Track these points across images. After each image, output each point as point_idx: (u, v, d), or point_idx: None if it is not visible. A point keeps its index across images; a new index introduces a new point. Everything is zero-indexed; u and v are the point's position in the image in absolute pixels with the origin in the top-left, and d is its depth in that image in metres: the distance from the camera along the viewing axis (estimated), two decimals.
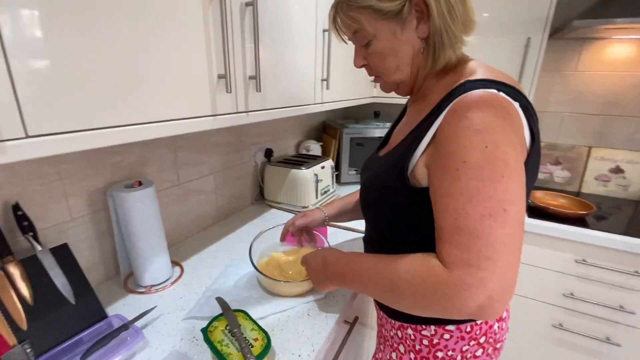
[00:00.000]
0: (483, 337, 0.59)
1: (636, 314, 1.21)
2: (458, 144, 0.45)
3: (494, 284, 0.41)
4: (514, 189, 0.43)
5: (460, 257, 0.42)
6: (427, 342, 0.61)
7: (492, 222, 0.41)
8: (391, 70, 0.58)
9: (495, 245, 0.41)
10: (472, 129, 0.44)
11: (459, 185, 0.44)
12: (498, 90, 0.47)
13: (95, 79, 0.44)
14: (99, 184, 0.78)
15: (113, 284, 0.82)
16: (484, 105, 0.45)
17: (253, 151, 1.30)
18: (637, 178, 1.53)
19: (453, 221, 0.44)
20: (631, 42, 1.43)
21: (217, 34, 0.62)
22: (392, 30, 0.54)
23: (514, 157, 0.44)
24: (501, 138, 0.43)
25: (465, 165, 0.44)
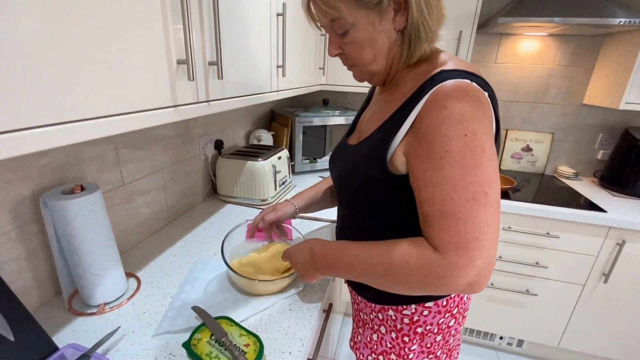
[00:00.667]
0: (456, 308, 0.65)
1: (548, 267, 1.46)
2: (439, 133, 0.47)
3: (482, 260, 0.45)
4: (492, 173, 0.47)
5: (451, 240, 0.45)
6: (407, 321, 0.65)
7: (476, 205, 0.45)
8: (368, 61, 0.58)
9: (481, 227, 0.45)
10: (452, 118, 0.46)
11: (444, 173, 0.46)
12: (471, 80, 0.50)
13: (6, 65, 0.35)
14: (25, 192, 0.64)
15: (53, 309, 0.69)
16: (462, 96, 0.47)
17: (202, 143, 1.20)
18: (542, 155, 1.83)
19: (440, 207, 0.47)
20: (537, 38, 1.67)
21: (175, 12, 0.55)
22: (370, 20, 0.54)
23: (489, 144, 0.48)
24: (477, 127, 0.47)
25: (448, 154, 0.46)
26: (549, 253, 1.45)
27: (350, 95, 2.01)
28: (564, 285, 1.48)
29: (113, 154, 0.83)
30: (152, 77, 0.52)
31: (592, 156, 1.80)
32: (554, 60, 1.68)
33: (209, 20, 0.64)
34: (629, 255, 1.36)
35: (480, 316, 1.64)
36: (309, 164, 1.62)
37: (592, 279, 1.44)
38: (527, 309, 1.56)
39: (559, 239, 1.41)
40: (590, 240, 1.38)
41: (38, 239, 0.67)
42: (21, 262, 0.65)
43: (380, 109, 0.64)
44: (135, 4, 0.46)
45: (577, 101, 1.73)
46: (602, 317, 1.48)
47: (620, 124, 1.71)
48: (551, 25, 1.37)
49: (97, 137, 0.43)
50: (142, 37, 0.48)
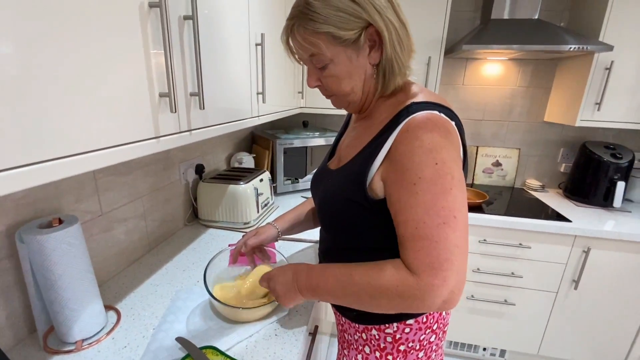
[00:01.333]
0: (435, 324, 0.68)
1: (523, 277, 1.53)
2: (412, 162, 0.51)
3: (454, 279, 0.49)
4: (460, 198, 0.51)
5: (424, 261, 0.49)
6: (390, 339, 0.67)
7: (447, 228, 0.49)
8: (346, 92, 0.62)
9: (451, 248, 0.49)
10: (424, 147, 0.51)
11: (417, 199, 0.50)
12: (439, 111, 0.54)
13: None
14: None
15: (27, 347, 0.66)
16: (432, 127, 0.52)
17: (183, 168, 1.20)
18: (511, 169, 1.93)
19: (414, 230, 0.50)
20: (499, 62, 1.80)
21: (157, 49, 0.57)
22: (348, 56, 0.58)
23: (457, 171, 0.52)
24: (446, 155, 0.51)
25: (420, 181, 0.50)
26: (523, 263, 1.51)
27: (329, 117, 2.07)
28: (539, 294, 1.54)
29: (92, 183, 0.82)
30: (134, 111, 0.53)
31: (555, 169, 1.93)
32: (515, 82, 1.82)
33: (190, 53, 0.66)
34: (594, 262, 1.44)
35: (463, 328, 1.68)
36: (291, 185, 1.64)
37: (564, 286, 1.51)
38: (506, 318, 1.61)
39: (531, 249, 1.49)
40: (558, 249, 1.46)
41: (12, 275, 0.65)
42: None
43: (358, 136, 0.67)
44: (117, 38, 0.48)
45: (539, 119, 1.86)
46: (576, 322, 1.55)
47: (578, 139, 1.85)
48: (510, 52, 1.50)
49: (79, 172, 0.44)
50: (123, 71, 0.50)
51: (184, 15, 0.64)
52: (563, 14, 1.68)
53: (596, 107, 1.51)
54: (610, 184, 1.61)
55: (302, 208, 0.92)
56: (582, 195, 1.70)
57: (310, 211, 0.90)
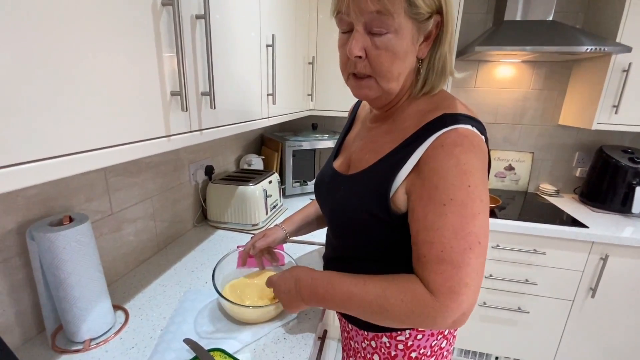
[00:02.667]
0: (447, 330, 0.65)
1: (538, 284, 1.48)
2: (446, 181, 0.48)
3: (468, 303, 0.48)
4: (485, 223, 0.49)
5: (444, 285, 0.48)
6: (402, 347, 0.64)
7: (471, 254, 0.48)
8: (392, 76, 0.54)
9: (472, 274, 0.48)
10: (459, 168, 0.48)
11: (445, 221, 0.48)
12: (472, 126, 0.51)
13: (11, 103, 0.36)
14: (10, 224, 0.62)
15: (35, 347, 0.66)
16: (468, 146, 0.49)
17: (192, 169, 1.20)
18: (524, 173, 1.89)
19: (439, 253, 0.49)
20: (512, 64, 1.77)
21: (169, 47, 0.57)
22: (412, 34, 0.51)
23: (485, 194, 0.50)
24: (479, 178, 0.49)
25: (452, 203, 0.48)
26: (537, 269, 1.47)
27: (338, 119, 2.06)
28: (554, 302, 1.50)
29: (102, 182, 0.82)
30: (146, 109, 0.53)
31: (571, 173, 1.88)
32: (529, 84, 1.78)
33: (201, 52, 0.66)
34: (613, 270, 1.39)
35: (474, 336, 1.63)
36: (300, 187, 1.63)
37: (580, 294, 1.46)
38: (520, 327, 1.56)
39: (546, 255, 1.44)
40: (575, 256, 1.42)
41: (22, 273, 0.65)
42: (3, 298, 0.62)
43: (375, 139, 0.62)
44: (129, 36, 0.48)
45: (553, 122, 1.82)
46: (593, 331, 1.50)
47: (594, 142, 1.80)
48: (523, 53, 1.47)
49: (92, 169, 0.44)
50: (135, 69, 0.50)
51: (196, 15, 0.64)
52: (578, 16, 1.65)
53: (613, 110, 1.47)
54: (628, 189, 1.56)
55: (309, 209, 0.91)
56: (599, 200, 1.65)
57: (317, 213, 0.89)
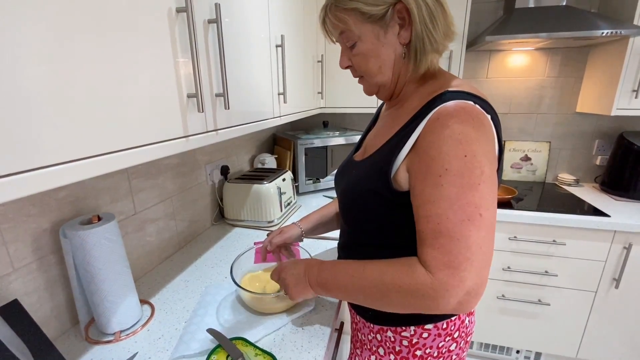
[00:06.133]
0: (457, 332, 0.63)
1: (558, 275, 1.46)
2: (440, 151, 0.48)
3: (472, 281, 0.46)
4: (488, 195, 0.47)
5: (442, 260, 0.46)
6: (406, 343, 0.63)
7: (470, 226, 0.46)
8: (374, 72, 0.60)
9: (473, 247, 0.45)
10: (454, 138, 0.47)
11: (441, 191, 0.47)
12: (475, 102, 0.51)
13: (44, 107, 0.39)
14: (45, 224, 0.67)
15: (70, 338, 0.70)
16: (464, 117, 0.48)
17: (209, 170, 1.24)
18: (541, 163, 1.85)
19: (435, 226, 0.47)
20: (525, 52, 1.74)
21: (184, 52, 0.60)
22: (375, 34, 0.57)
23: (488, 166, 0.48)
24: (478, 148, 0.47)
25: (447, 173, 0.47)
26: (558, 261, 1.44)
27: (349, 116, 2.07)
28: (576, 293, 1.46)
29: (126, 184, 0.87)
30: (165, 111, 0.56)
31: (591, 162, 1.82)
32: (544, 72, 1.74)
33: (214, 55, 0.69)
34: (637, 259, 1.35)
35: (494, 330, 1.62)
36: (312, 184, 1.65)
37: (604, 285, 1.42)
38: (541, 319, 1.54)
39: (566, 245, 1.41)
40: (597, 246, 1.38)
41: (56, 269, 0.70)
42: (41, 293, 0.67)
43: (386, 124, 0.65)
44: (148, 42, 0.51)
45: (570, 110, 1.77)
46: (618, 323, 1.45)
47: (614, 129, 1.75)
48: (537, 40, 1.44)
49: (117, 169, 0.47)
50: (155, 75, 0.53)
51: (209, 19, 0.67)
52: (592, 0, 1.60)
53: (633, 94, 1.42)
54: None
55: (327, 209, 0.91)
56: (621, 188, 1.60)
57: (334, 212, 0.90)
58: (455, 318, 0.62)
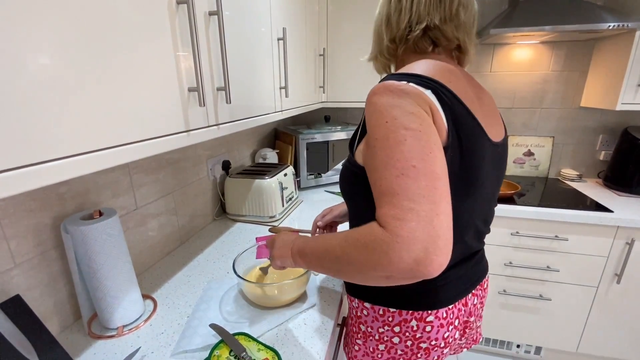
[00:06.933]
0: (397, 326, 0.64)
1: (560, 271, 1.45)
2: (370, 125, 0.52)
3: (423, 232, 0.43)
4: (419, 147, 0.47)
5: (388, 214, 0.46)
6: (354, 313, 0.70)
7: (406, 179, 0.46)
8: None
9: (414, 197, 0.45)
10: (376, 110, 0.51)
11: (376, 159, 0.50)
12: (407, 81, 0.52)
13: (40, 103, 0.38)
14: (46, 219, 0.66)
15: (73, 333, 0.70)
16: (383, 91, 0.52)
17: (210, 165, 1.24)
18: (544, 159, 1.84)
19: (379, 188, 0.49)
20: (530, 46, 1.71)
21: (185, 45, 0.59)
22: None
23: (415, 121, 0.48)
24: (397, 112, 0.49)
25: (376, 141, 0.50)
26: (559, 256, 1.44)
27: (351, 110, 2.05)
28: (578, 288, 1.46)
29: (127, 179, 0.86)
30: (166, 106, 0.55)
31: (594, 157, 1.81)
32: (548, 66, 1.72)
33: (215, 48, 0.68)
34: (639, 254, 1.35)
35: (495, 324, 1.62)
36: (314, 179, 1.65)
37: (605, 280, 1.42)
38: (542, 314, 1.54)
39: (568, 241, 1.41)
40: (599, 241, 1.38)
41: (58, 264, 0.69)
42: (43, 288, 0.67)
43: None
44: (148, 35, 0.50)
45: (575, 104, 1.75)
46: (619, 318, 1.46)
47: (618, 124, 1.73)
48: (542, 34, 1.42)
49: (118, 164, 0.46)
50: (156, 69, 0.52)
51: (209, 11, 0.65)
52: None
53: (639, 89, 1.40)
54: None
55: None
56: (625, 184, 1.59)
57: None
58: (394, 311, 0.63)
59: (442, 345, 0.64)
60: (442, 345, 0.64)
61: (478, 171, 0.58)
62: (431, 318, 0.62)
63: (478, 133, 0.57)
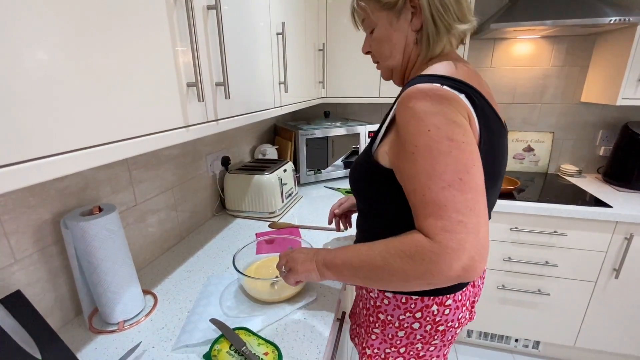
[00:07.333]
0: (419, 312, 0.65)
1: (559, 266, 1.46)
2: (407, 132, 0.51)
3: (471, 243, 0.46)
4: (464, 159, 0.48)
5: (436, 225, 0.47)
6: (372, 303, 0.71)
7: (452, 190, 0.47)
8: (386, 56, 0.67)
9: (463, 210, 0.46)
10: (415, 117, 0.51)
11: (417, 167, 0.50)
12: (441, 84, 0.52)
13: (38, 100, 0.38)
14: (46, 215, 0.66)
15: (74, 328, 0.71)
16: (421, 96, 0.51)
17: (209, 161, 1.23)
18: (544, 154, 1.84)
19: (422, 197, 0.49)
20: (530, 41, 1.71)
21: (183, 39, 0.58)
22: (389, 20, 0.63)
23: (459, 132, 0.49)
24: (440, 120, 0.49)
25: (417, 149, 0.50)
26: (558, 251, 1.45)
27: (350, 106, 2.05)
28: (576, 283, 1.47)
29: (126, 175, 0.86)
30: (165, 101, 0.55)
31: (594, 153, 1.81)
32: (549, 61, 1.72)
33: (213, 43, 0.67)
34: (638, 249, 1.35)
35: (493, 319, 1.63)
36: (314, 175, 1.65)
37: (603, 275, 1.43)
38: (540, 309, 1.55)
39: (567, 236, 1.41)
40: (598, 237, 1.38)
41: (58, 260, 0.70)
42: (43, 284, 0.67)
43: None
44: (146, 30, 0.50)
45: (575, 100, 1.75)
46: (617, 312, 1.47)
47: (619, 119, 1.73)
48: (543, 28, 1.41)
49: (117, 159, 0.46)
50: (154, 63, 0.52)
51: (208, 5, 0.65)
52: None
53: (639, 84, 1.40)
54: None
55: None
56: (624, 179, 1.59)
57: None
58: (416, 298, 0.64)
59: (456, 325, 0.67)
60: (456, 326, 0.67)
61: (500, 167, 0.62)
62: (450, 302, 0.64)
63: (500, 130, 0.60)
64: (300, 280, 0.68)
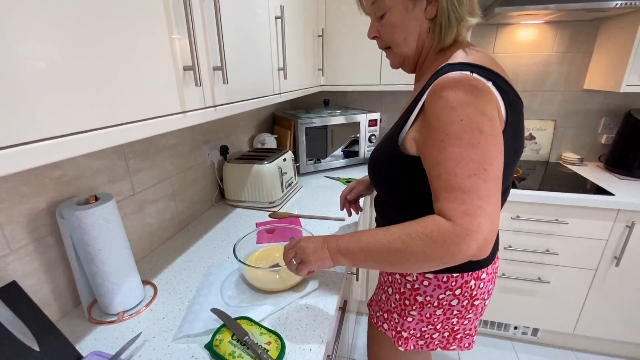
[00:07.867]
0: (459, 289, 0.69)
1: (559, 254, 1.46)
2: (439, 120, 0.53)
3: (487, 226, 0.49)
4: (490, 151, 0.51)
5: (459, 209, 0.50)
6: (409, 286, 0.72)
7: (477, 179, 0.50)
8: (399, 43, 0.66)
9: (484, 197, 0.50)
10: (448, 106, 0.52)
11: (446, 154, 0.52)
12: (471, 72, 0.54)
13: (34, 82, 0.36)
14: (41, 204, 0.65)
15: (73, 319, 0.70)
16: (455, 85, 0.53)
17: (208, 150, 1.21)
18: (546, 142, 1.82)
19: (446, 182, 0.52)
20: (534, 26, 1.67)
21: (179, 20, 0.56)
22: (404, 6, 0.62)
23: (488, 125, 0.51)
24: (472, 111, 0.51)
25: (447, 137, 0.52)
26: (559, 239, 1.44)
27: (350, 94, 2.02)
28: (576, 271, 1.47)
29: (123, 164, 0.84)
30: (160, 85, 0.53)
31: (596, 141, 1.80)
32: (552, 47, 1.69)
33: (211, 25, 0.65)
34: (639, 238, 1.35)
35: (493, 306, 1.64)
36: (313, 165, 1.63)
37: (604, 263, 1.43)
38: (540, 297, 1.56)
39: (568, 224, 1.41)
40: (599, 225, 1.38)
41: (55, 250, 0.68)
42: (40, 275, 0.66)
43: (410, 97, 0.71)
44: (140, 15, 0.47)
45: (578, 87, 1.72)
46: (616, 300, 1.47)
47: (621, 107, 1.71)
48: (547, 12, 1.38)
49: (111, 145, 0.44)
50: (149, 46, 0.49)
51: None
52: None
53: None
54: None
55: None
56: (626, 167, 1.58)
57: None
58: (457, 275, 0.67)
59: (486, 297, 0.72)
60: (485, 298, 0.72)
61: (520, 149, 0.64)
62: (484, 275, 0.69)
63: (521, 108, 0.62)
64: (312, 270, 0.67)
